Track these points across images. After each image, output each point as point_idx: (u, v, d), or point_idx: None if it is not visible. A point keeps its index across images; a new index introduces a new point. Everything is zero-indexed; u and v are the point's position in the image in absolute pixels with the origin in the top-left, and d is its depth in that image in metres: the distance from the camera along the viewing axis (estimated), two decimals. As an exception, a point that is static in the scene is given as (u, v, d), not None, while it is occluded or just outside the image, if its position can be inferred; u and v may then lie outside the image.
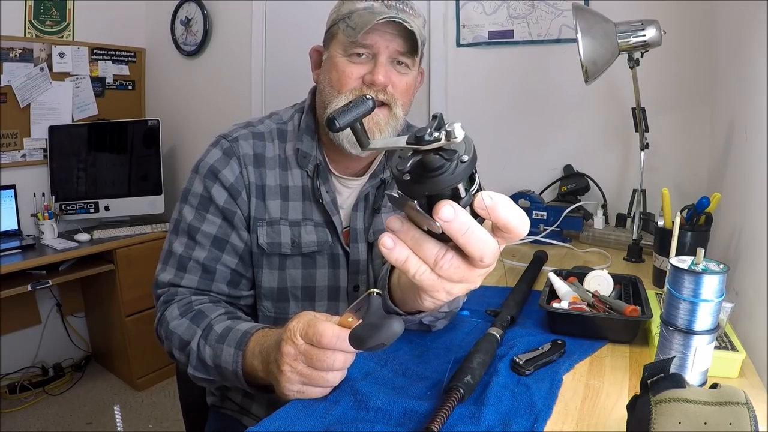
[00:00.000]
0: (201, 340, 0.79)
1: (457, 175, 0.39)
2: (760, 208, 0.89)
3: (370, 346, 0.52)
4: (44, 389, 2.39)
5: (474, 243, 0.42)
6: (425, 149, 0.39)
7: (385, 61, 0.87)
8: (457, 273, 0.45)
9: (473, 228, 0.41)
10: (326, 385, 0.64)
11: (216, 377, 0.79)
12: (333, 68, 0.89)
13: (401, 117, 0.91)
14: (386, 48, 0.86)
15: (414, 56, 0.89)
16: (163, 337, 0.86)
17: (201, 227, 0.90)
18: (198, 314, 0.83)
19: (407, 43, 0.87)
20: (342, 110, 0.44)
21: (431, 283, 0.46)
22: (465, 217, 0.41)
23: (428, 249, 0.44)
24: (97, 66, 2.62)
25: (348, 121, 0.44)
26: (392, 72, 0.88)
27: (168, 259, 0.91)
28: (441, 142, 0.38)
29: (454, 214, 0.40)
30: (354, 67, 0.87)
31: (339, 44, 0.89)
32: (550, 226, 1.51)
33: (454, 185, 0.40)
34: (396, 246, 0.45)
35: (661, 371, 0.53)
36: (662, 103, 1.58)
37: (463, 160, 0.39)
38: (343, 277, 0.97)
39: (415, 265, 0.45)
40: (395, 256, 0.45)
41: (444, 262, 0.44)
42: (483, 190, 0.43)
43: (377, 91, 0.87)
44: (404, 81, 0.90)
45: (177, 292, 0.88)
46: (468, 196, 0.41)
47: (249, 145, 0.94)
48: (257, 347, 0.72)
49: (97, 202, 2.47)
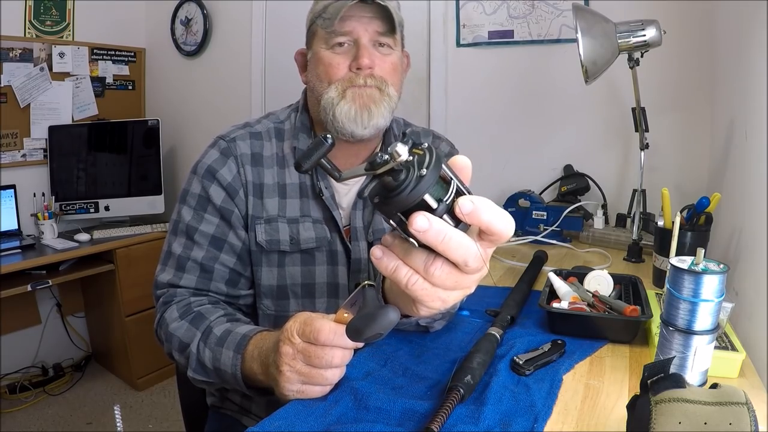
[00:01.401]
0: (200, 342, 0.80)
1: (419, 189, 0.40)
2: (760, 208, 0.89)
3: (368, 336, 0.52)
4: (44, 389, 2.39)
5: (455, 249, 0.42)
6: (378, 173, 0.41)
7: (367, 43, 0.88)
8: (450, 279, 0.45)
9: (450, 234, 0.41)
10: (325, 383, 0.63)
11: (215, 380, 0.79)
12: (319, 63, 0.91)
13: (395, 96, 0.92)
14: (365, 31, 0.88)
15: (394, 35, 0.90)
16: (163, 339, 0.87)
17: (199, 227, 0.90)
18: (197, 316, 0.83)
19: (385, 23, 0.88)
20: (304, 154, 0.46)
21: (425, 293, 0.46)
22: (439, 224, 0.41)
23: (417, 257, 0.45)
24: (97, 66, 2.62)
25: (313, 162, 0.46)
26: (376, 54, 0.89)
27: (167, 259, 0.91)
28: (390, 163, 0.40)
29: (428, 223, 0.40)
30: (338, 57, 0.89)
31: (320, 39, 0.91)
32: (550, 226, 1.51)
33: (419, 199, 0.41)
34: (384, 256, 0.45)
35: (661, 371, 0.53)
36: (662, 103, 1.58)
37: (422, 174, 0.40)
38: (343, 274, 0.97)
39: (405, 274, 0.45)
40: (384, 266, 0.45)
41: (434, 269, 0.44)
42: (469, 194, 0.43)
43: (365, 76, 0.88)
44: (389, 61, 0.91)
45: (176, 293, 0.89)
46: (444, 205, 0.42)
47: (246, 144, 0.94)
48: (256, 350, 0.72)
49: (97, 202, 2.47)
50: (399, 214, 0.42)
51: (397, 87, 0.94)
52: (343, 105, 0.88)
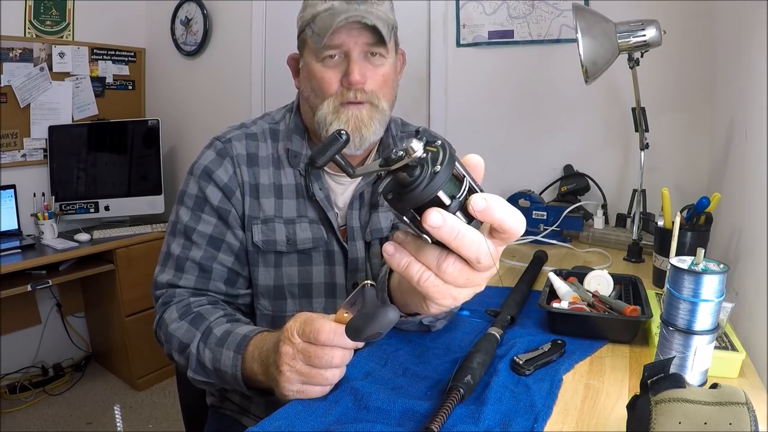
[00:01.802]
0: (200, 343, 0.79)
1: (433, 186, 0.40)
2: (760, 208, 0.89)
3: (368, 335, 0.52)
4: (44, 389, 2.39)
5: (468, 245, 0.42)
6: (393, 169, 0.41)
7: (358, 57, 0.87)
8: (462, 276, 0.45)
9: (464, 231, 0.42)
10: (325, 383, 0.63)
11: (216, 380, 0.79)
12: (312, 77, 0.90)
13: (386, 109, 0.92)
14: (355, 44, 0.86)
15: (386, 45, 0.89)
16: (163, 340, 0.86)
17: (197, 227, 0.91)
18: (197, 317, 0.83)
19: (375, 34, 0.86)
20: (319, 149, 0.47)
21: (436, 289, 0.46)
22: (453, 221, 0.41)
23: (429, 254, 0.45)
24: (97, 66, 2.62)
25: (327, 158, 0.47)
26: (367, 67, 0.88)
27: (166, 260, 0.92)
28: (405, 159, 0.40)
29: (442, 220, 0.40)
30: (329, 71, 0.88)
31: (310, 51, 0.90)
32: (550, 226, 1.51)
33: (433, 195, 0.41)
34: (396, 252, 0.46)
35: (661, 371, 0.53)
36: (662, 103, 1.58)
37: (436, 170, 0.40)
38: (340, 274, 0.97)
39: (417, 270, 0.45)
40: (396, 262, 0.46)
41: (447, 266, 0.44)
42: (480, 191, 0.43)
43: (356, 91, 0.87)
44: (380, 73, 0.90)
45: (175, 293, 0.89)
46: (457, 201, 0.42)
47: (242, 145, 0.95)
48: (256, 351, 0.72)
49: (97, 202, 2.47)
50: (412, 211, 0.42)
51: (389, 97, 0.93)
52: (335, 126, 0.88)
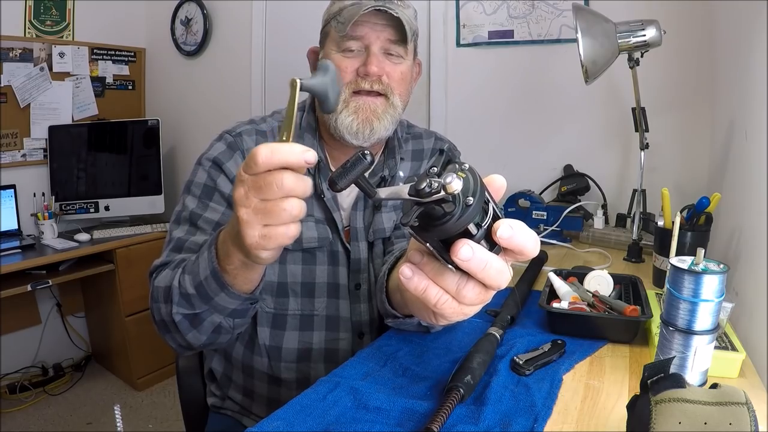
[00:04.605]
0: (180, 275, 0.73)
1: (465, 219, 0.39)
2: (760, 208, 0.89)
3: (345, 178, 0.45)
4: (44, 389, 2.39)
5: (493, 276, 0.42)
6: (426, 202, 0.39)
7: (377, 51, 0.88)
8: (479, 298, 0.45)
9: (491, 262, 0.42)
10: (288, 218, 0.53)
11: (198, 305, 0.71)
12: None
13: (399, 107, 0.92)
14: (377, 38, 0.88)
15: (406, 45, 0.90)
16: (153, 310, 0.79)
17: (203, 214, 0.88)
18: (180, 262, 0.78)
19: (397, 32, 0.88)
20: (340, 171, 0.43)
21: (452, 311, 0.46)
22: (482, 253, 0.41)
23: (449, 279, 0.44)
24: (97, 66, 2.62)
25: (349, 180, 0.43)
26: (385, 62, 0.89)
27: (166, 247, 0.87)
28: (440, 194, 0.38)
29: (472, 253, 0.40)
30: (348, 61, 0.89)
31: (332, 41, 0.91)
32: (550, 226, 1.51)
33: (463, 228, 0.40)
34: (414, 276, 0.45)
35: (661, 371, 0.53)
36: (662, 103, 1.58)
37: (468, 203, 0.39)
38: (343, 275, 0.97)
39: (435, 294, 0.45)
40: (414, 286, 0.45)
41: (467, 291, 0.44)
42: (501, 215, 0.43)
43: (372, 81, 0.88)
44: (398, 70, 0.91)
45: (168, 265, 0.81)
46: (482, 230, 0.41)
47: (252, 140, 0.94)
48: (225, 234, 0.65)
49: (97, 202, 2.47)
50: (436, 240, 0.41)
51: (403, 97, 0.93)
52: (345, 116, 0.88)
